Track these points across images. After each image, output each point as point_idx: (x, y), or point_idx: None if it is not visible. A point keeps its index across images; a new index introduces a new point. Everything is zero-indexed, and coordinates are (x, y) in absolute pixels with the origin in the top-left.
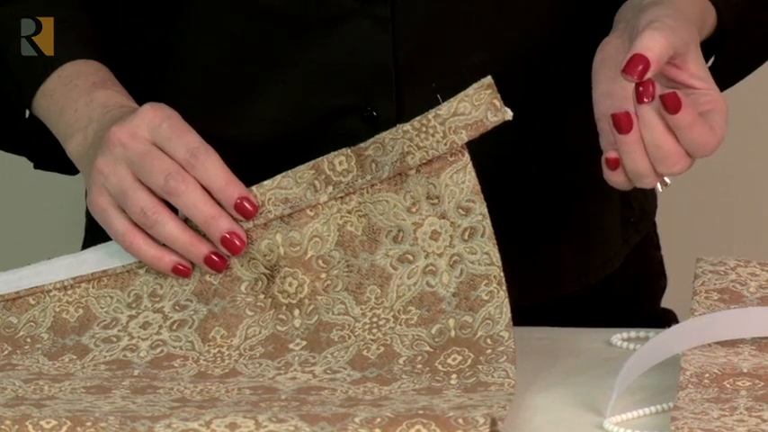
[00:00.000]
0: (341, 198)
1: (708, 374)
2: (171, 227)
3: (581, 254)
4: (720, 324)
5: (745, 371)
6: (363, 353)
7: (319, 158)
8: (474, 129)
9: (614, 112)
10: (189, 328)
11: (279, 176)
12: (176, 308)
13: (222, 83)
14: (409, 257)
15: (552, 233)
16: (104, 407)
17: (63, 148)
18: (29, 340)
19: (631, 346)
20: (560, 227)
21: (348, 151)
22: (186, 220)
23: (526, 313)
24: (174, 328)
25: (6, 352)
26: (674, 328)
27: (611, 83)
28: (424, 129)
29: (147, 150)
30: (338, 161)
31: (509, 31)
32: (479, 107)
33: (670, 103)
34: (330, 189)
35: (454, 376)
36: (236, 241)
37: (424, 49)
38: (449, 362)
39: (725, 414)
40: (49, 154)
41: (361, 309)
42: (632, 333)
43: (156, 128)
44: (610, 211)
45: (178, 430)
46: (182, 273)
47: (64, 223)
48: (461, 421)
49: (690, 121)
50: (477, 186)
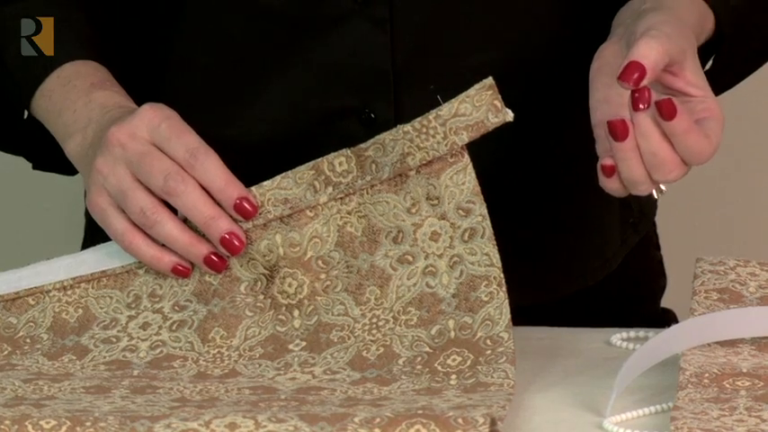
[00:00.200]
0: (341, 199)
1: (707, 374)
2: (170, 227)
3: (579, 255)
4: (720, 324)
5: (745, 371)
6: (363, 354)
7: (319, 159)
8: (475, 130)
9: (610, 119)
10: (188, 328)
11: (278, 177)
12: (176, 308)
13: (221, 83)
14: (409, 258)
15: (551, 234)
16: (104, 407)
17: (62, 148)
18: (28, 341)
19: (631, 345)
20: (559, 228)
21: (348, 152)
22: (185, 220)
23: (526, 313)
24: (174, 328)
25: (6, 352)
26: (674, 327)
27: (607, 89)
28: (424, 129)
29: (147, 151)
30: (338, 162)
31: (508, 33)
32: (480, 108)
33: (665, 110)
34: (330, 190)
35: (454, 377)
36: (236, 242)
37: (422, 50)
38: (448, 363)
39: (724, 414)
40: (47, 154)
41: (361, 309)
42: (632, 333)
43: (156, 128)
44: (609, 212)
45: (178, 430)
46: (181, 273)
47: (63, 223)
48: (461, 421)
49: (685, 128)
50: (478, 188)
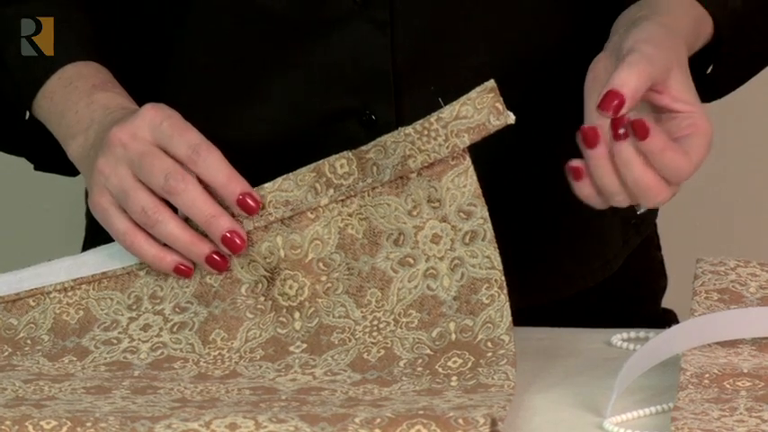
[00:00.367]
0: (342, 201)
1: (708, 375)
2: (172, 226)
3: (580, 257)
4: (720, 324)
5: (746, 371)
6: (364, 356)
7: (320, 161)
8: (476, 132)
9: (583, 126)
10: (189, 330)
11: (279, 179)
12: (176, 310)
13: (222, 84)
14: (410, 261)
15: (552, 236)
16: (104, 407)
17: (63, 149)
18: (29, 342)
19: (631, 346)
20: (560, 230)
21: (349, 154)
22: (187, 220)
23: (526, 314)
24: (175, 330)
25: (7, 353)
26: (674, 328)
27: None
28: (425, 132)
29: (148, 150)
30: (339, 164)
31: (509, 34)
32: (482, 111)
33: (638, 130)
34: (331, 192)
35: (454, 378)
36: (237, 240)
37: (422, 51)
38: (449, 364)
39: (725, 414)
40: (49, 155)
41: (362, 312)
42: (632, 333)
43: (157, 127)
44: (610, 213)
45: (178, 430)
46: (183, 273)
47: (64, 225)
48: (461, 421)
49: (660, 146)
50: (479, 190)
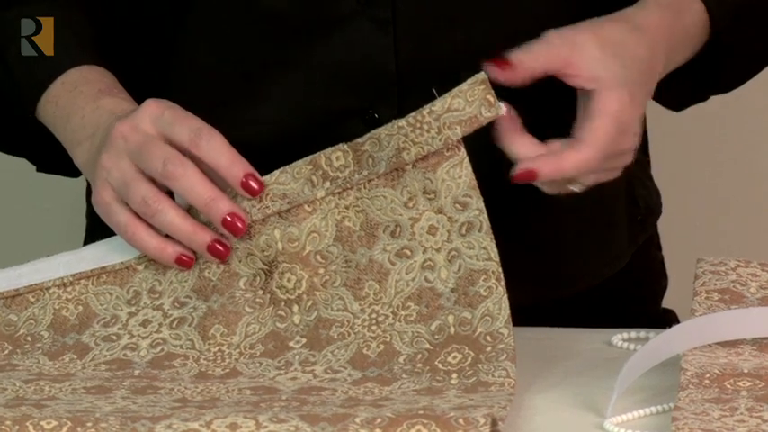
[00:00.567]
0: (338, 193)
1: (708, 375)
2: (172, 215)
3: (585, 254)
4: (721, 324)
5: (746, 371)
6: (363, 351)
7: (316, 154)
8: (468, 125)
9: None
10: (189, 325)
11: (277, 172)
12: (176, 305)
13: (224, 84)
14: (407, 252)
15: (553, 234)
16: (105, 407)
17: (67, 153)
18: (29, 338)
19: (632, 346)
20: (562, 227)
21: (345, 147)
22: (188, 211)
23: (526, 313)
24: (174, 325)
25: (7, 351)
26: (675, 328)
27: None
28: (418, 125)
29: (147, 140)
30: (335, 157)
31: (510, 34)
32: (473, 103)
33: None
34: (327, 185)
35: (455, 375)
36: (238, 223)
37: (425, 51)
38: (449, 360)
39: (725, 414)
40: (51, 156)
41: (360, 304)
42: (633, 333)
43: (159, 117)
44: (615, 210)
45: (179, 430)
46: (185, 264)
47: (64, 224)
48: (462, 421)
49: (557, 174)
50: (474, 181)
